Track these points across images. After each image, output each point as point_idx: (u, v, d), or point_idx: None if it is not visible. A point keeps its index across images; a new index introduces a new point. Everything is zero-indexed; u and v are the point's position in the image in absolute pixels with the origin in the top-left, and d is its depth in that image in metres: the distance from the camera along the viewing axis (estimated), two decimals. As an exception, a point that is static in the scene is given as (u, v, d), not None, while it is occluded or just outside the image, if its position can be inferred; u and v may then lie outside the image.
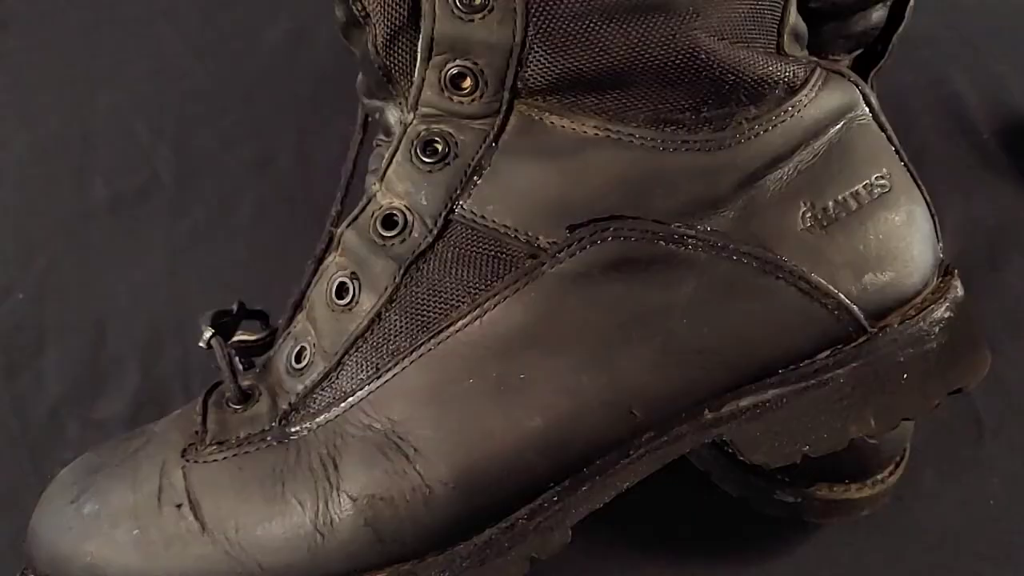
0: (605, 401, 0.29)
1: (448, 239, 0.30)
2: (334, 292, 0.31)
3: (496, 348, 0.29)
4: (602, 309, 0.29)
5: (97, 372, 0.46)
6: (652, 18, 0.28)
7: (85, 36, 0.62)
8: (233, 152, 0.56)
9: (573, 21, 0.28)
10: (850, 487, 0.39)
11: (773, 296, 0.30)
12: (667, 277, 0.29)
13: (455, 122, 0.29)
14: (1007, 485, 0.44)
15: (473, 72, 0.29)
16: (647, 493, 0.32)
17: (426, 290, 0.30)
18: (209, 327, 0.33)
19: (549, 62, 0.28)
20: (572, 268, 0.29)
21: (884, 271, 0.31)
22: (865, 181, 0.31)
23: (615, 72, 0.28)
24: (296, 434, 0.30)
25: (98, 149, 0.55)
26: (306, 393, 0.31)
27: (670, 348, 0.29)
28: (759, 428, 0.30)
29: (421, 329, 0.29)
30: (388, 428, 0.29)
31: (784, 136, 0.30)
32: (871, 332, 0.31)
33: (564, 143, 0.29)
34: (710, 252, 0.29)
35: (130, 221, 0.52)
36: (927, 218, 0.32)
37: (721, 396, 0.30)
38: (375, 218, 0.30)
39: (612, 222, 0.29)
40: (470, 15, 0.28)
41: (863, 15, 0.43)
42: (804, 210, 0.30)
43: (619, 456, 0.30)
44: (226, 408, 0.32)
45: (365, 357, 0.30)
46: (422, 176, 0.30)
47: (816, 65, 0.31)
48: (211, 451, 0.30)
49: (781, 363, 0.30)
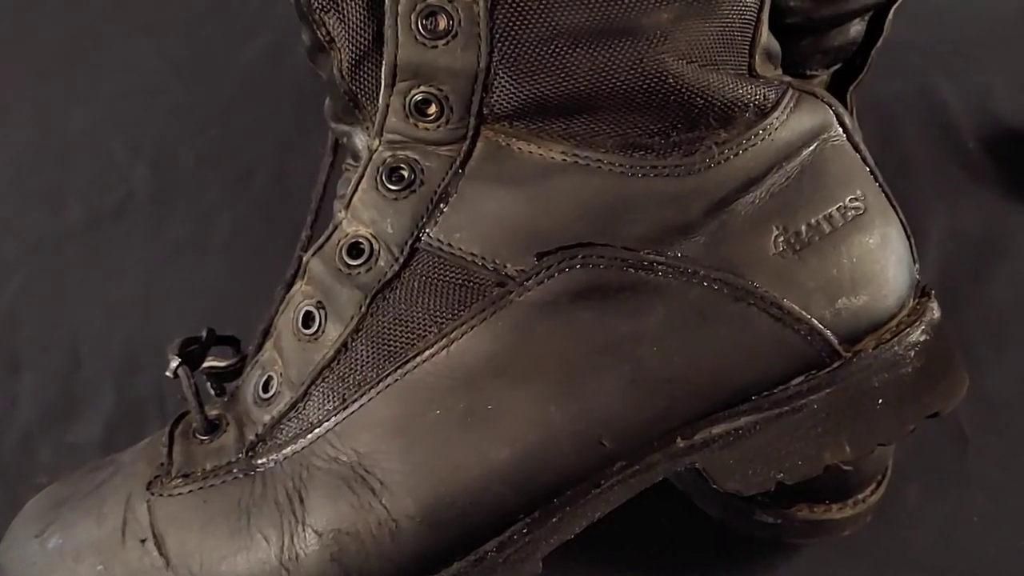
0: (574, 432, 0.28)
1: (415, 267, 0.29)
2: (300, 321, 0.30)
3: (463, 378, 0.28)
4: (571, 338, 0.29)
5: (71, 395, 0.45)
6: (618, 42, 0.28)
7: (62, 52, 0.61)
8: (211, 169, 0.55)
9: (538, 46, 0.27)
10: (831, 507, 0.38)
11: (744, 323, 0.29)
12: (636, 305, 0.29)
13: (421, 148, 0.29)
14: (992, 501, 0.44)
15: (438, 98, 0.28)
16: (627, 514, 0.32)
17: (392, 320, 0.29)
18: (176, 356, 0.32)
19: (515, 88, 0.28)
20: (540, 296, 0.28)
21: (858, 295, 0.30)
22: (839, 203, 0.31)
23: (582, 97, 0.28)
24: (262, 466, 0.30)
25: (74, 167, 0.55)
26: (273, 424, 0.30)
27: (640, 377, 0.29)
28: (732, 456, 0.30)
29: (388, 359, 0.29)
30: (354, 461, 0.29)
31: (755, 160, 0.29)
32: (845, 357, 0.30)
33: (531, 169, 0.29)
34: (680, 279, 0.29)
35: (106, 241, 0.52)
36: (902, 240, 0.32)
37: (693, 424, 0.30)
38: (341, 246, 0.30)
39: (580, 249, 0.28)
40: (433, 41, 0.28)
41: (840, 30, 0.42)
42: (776, 234, 0.30)
43: (590, 486, 0.29)
44: (192, 439, 0.31)
45: (332, 388, 0.29)
46: (388, 203, 0.29)
47: (788, 86, 0.31)
48: (176, 484, 0.30)
49: (754, 390, 0.30)
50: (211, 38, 0.62)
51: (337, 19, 0.29)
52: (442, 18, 0.27)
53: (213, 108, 0.58)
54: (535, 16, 0.27)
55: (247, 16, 0.63)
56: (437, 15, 0.27)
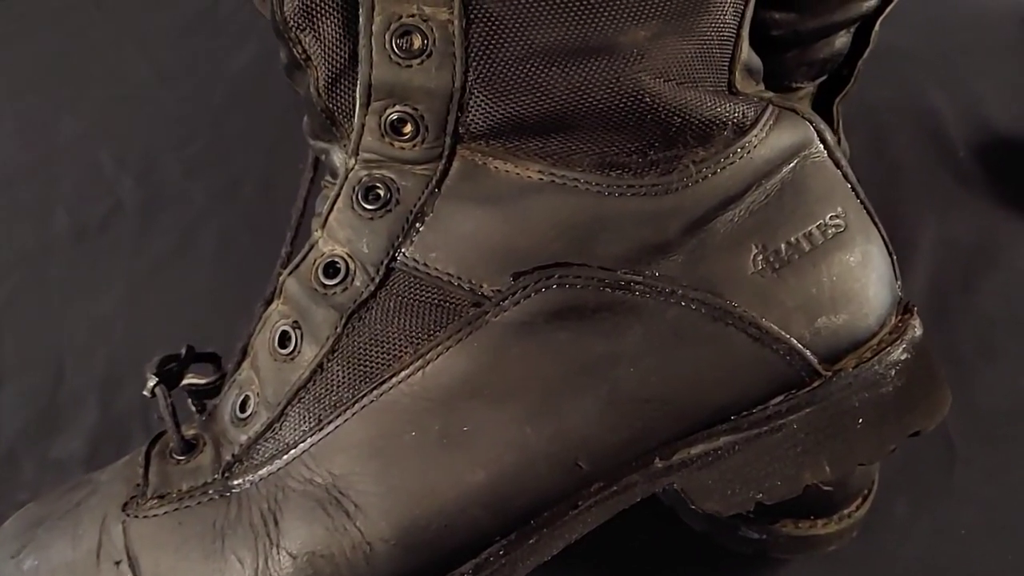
0: (550, 453, 0.28)
1: (390, 288, 0.29)
2: (276, 341, 0.30)
3: (439, 399, 0.28)
4: (547, 359, 0.28)
5: (55, 409, 0.45)
6: (594, 61, 0.27)
7: (50, 62, 0.61)
8: (198, 180, 0.55)
9: (513, 65, 0.27)
10: (816, 523, 0.38)
11: (722, 342, 0.29)
12: (613, 325, 0.29)
13: (397, 167, 0.29)
14: (980, 514, 0.43)
15: (413, 117, 0.28)
16: (611, 529, 0.31)
17: (368, 340, 0.29)
18: (153, 375, 0.32)
19: (490, 107, 0.28)
20: (516, 317, 0.28)
21: (838, 314, 0.30)
22: (819, 221, 0.30)
23: (558, 116, 0.28)
24: (238, 487, 0.29)
25: (61, 178, 0.55)
26: (249, 444, 0.30)
27: (617, 398, 0.29)
28: (711, 476, 0.30)
29: (363, 380, 0.29)
30: (329, 482, 0.28)
31: (733, 178, 0.29)
32: (825, 376, 0.30)
33: (508, 188, 0.28)
34: (657, 298, 0.29)
35: (92, 253, 0.51)
36: (884, 257, 0.32)
37: (672, 444, 0.30)
38: (317, 266, 0.30)
39: (557, 269, 0.28)
40: (408, 60, 0.27)
41: (826, 42, 0.42)
42: (755, 253, 0.30)
43: (567, 507, 0.29)
44: (169, 459, 0.31)
45: (308, 408, 0.29)
46: (363, 223, 0.29)
47: (768, 103, 0.31)
48: (152, 505, 0.30)
49: (732, 410, 0.30)
50: (199, 48, 0.62)
51: (313, 37, 0.29)
52: (417, 37, 0.27)
53: (201, 118, 0.58)
54: (511, 35, 0.27)
55: (236, 26, 0.63)
56: (412, 34, 0.27)
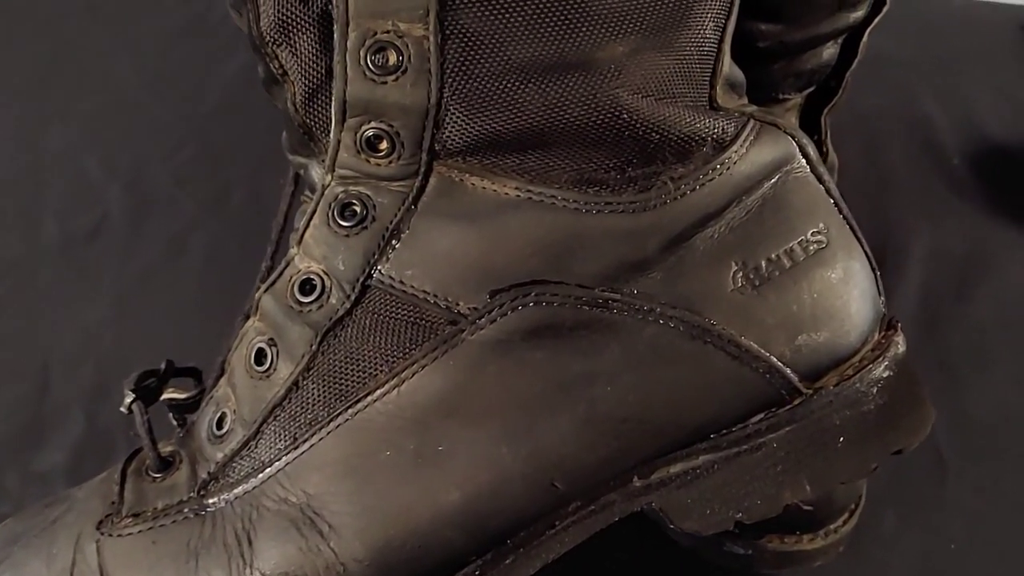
0: (526, 474, 0.28)
1: (366, 305, 0.29)
2: (253, 358, 0.30)
3: (414, 418, 0.28)
4: (523, 378, 0.28)
5: (39, 420, 0.45)
6: (571, 77, 0.27)
7: (41, 70, 0.61)
8: (187, 189, 0.55)
9: (489, 82, 0.27)
10: (802, 538, 0.38)
11: (701, 361, 0.29)
12: (590, 343, 0.28)
13: (373, 184, 0.29)
14: (970, 528, 0.43)
15: (389, 134, 0.28)
16: (595, 545, 0.31)
17: (343, 358, 0.29)
18: (130, 391, 0.32)
19: (467, 123, 0.27)
20: (492, 335, 0.28)
21: (819, 331, 0.30)
22: (800, 237, 0.30)
23: (535, 132, 0.28)
24: (213, 506, 0.29)
25: (49, 187, 0.55)
26: (225, 462, 0.30)
27: (594, 417, 0.28)
28: (690, 495, 0.29)
29: (339, 398, 0.29)
30: (304, 502, 0.28)
31: (713, 194, 0.29)
32: (806, 394, 0.30)
33: (485, 205, 0.28)
34: (635, 316, 0.28)
35: (80, 262, 0.51)
36: (866, 273, 0.31)
37: (650, 463, 0.29)
38: (293, 283, 0.29)
39: (534, 287, 0.28)
40: (383, 77, 0.27)
41: (813, 53, 0.42)
42: (735, 270, 0.29)
43: (544, 527, 0.29)
44: (145, 477, 0.31)
45: (283, 426, 0.29)
46: (339, 240, 0.29)
47: (749, 118, 0.30)
48: (126, 524, 0.29)
49: (711, 428, 0.29)
50: (189, 56, 0.62)
51: (290, 52, 0.29)
52: (392, 53, 0.27)
53: (190, 127, 0.58)
54: (487, 51, 0.27)
55: (226, 34, 0.63)
56: (387, 50, 0.27)
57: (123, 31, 0.63)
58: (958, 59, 0.68)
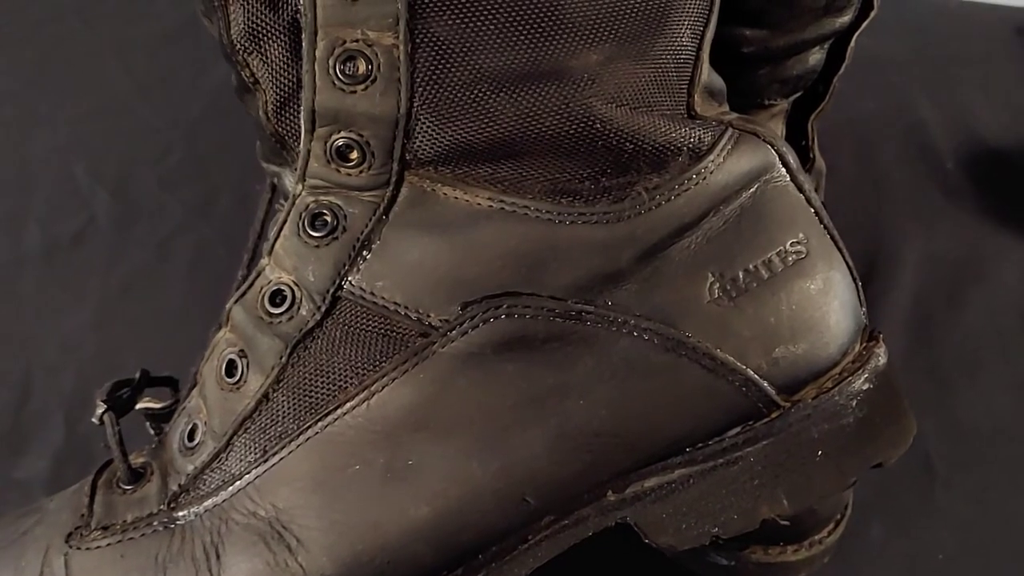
0: (497, 489, 0.28)
1: (336, 317, 0.28)
2: (224, 370, 0.30)
3: (384, 432, 0.28)
4: (494, 391, 0.28)
5: (20, 428, 0.45)
6: (544, 86, 0.27)
7: (29, 74, 0.61)
8: (174, 194, 0.55)
9: (460, 91, 0.27)
10: (786, 549, 0.38)
11: (675, 374, 0.28)
12: (563, 356, 0.28)
13: (344, 194, 0.28)
14: (959, 538, 0.43)
15: (359, 144, 0.28)
16: (578, 555, 0.31)
17: (313, 371, 0.28)
18: (102, 402, 0.32)
19: (438, 133, 0.27)
20: (463, 348, 0.28)
21: (797, 343, 0.29)
22: (779, 248, 0.30)
23: (508, 142, 0.27)
24: (183, 519, 0.29)
25: (35, 192, 0.54)
26: (196, 474, 0.29)
27: (566, 431, 0.28)
28: (665, 510, 0.29)
29: (308, 411, 0.28)
30: (272, 516, 0.28)
31: (689, 205, 0.29)
32: (784, 407, 0.29)
33: (457, 216, 0.28)
34: (609, 329, 0.28)
35: (64, 268, 0.51)
36: (848, 283, 0.31)
37: (625, 477, 0.29)
38: (263, 293, 0.29)
39: (506, 299, 0.28)
40: (352, 86, 0.27)
41: (799, 58, 0.42)
42: (712, 281, 0.29)
43: (516, 542, 0.29)
44: (115, 488, 0.31)
45: (253, 439, 0.29)
46: (309, 251, 0.28)
47: (727, 126, 0.30)
48: (95, 536, 0.29)
49: (687, 442, 0.29)
50: (178, 60, 0.62)
51: (260, 61, 0.29)
52: (361, 62, 0.27)
53: (178, 131, 0.58)
54: (458, 60, 0.26)
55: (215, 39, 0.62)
56: (356, 59, 0.27)
57: (115, 36, 0.63)
58: (954, 62, 0.67)
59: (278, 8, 0.28)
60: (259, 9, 0.28)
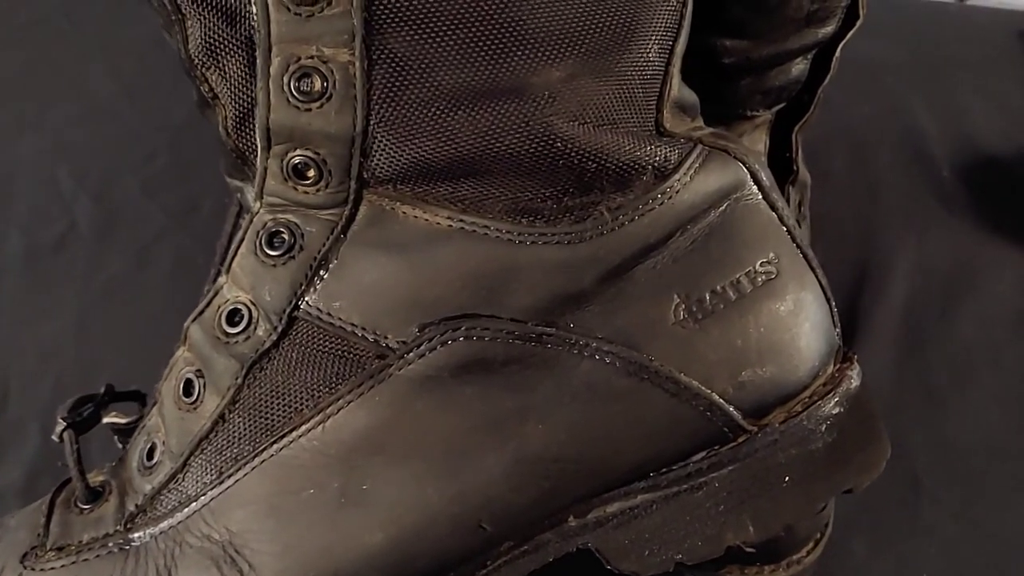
0: (452, 515, 0.27)
1: (293, 337, 0.28)
2: (181, 389, 0.29)
3: (339, 456, 0.27)
4: (451, 415, 0.27)
5: (-5, 436, 0.44)
6: (503, 104, 0.26)
7: (15, 78, 0.60)
8: (156, 199, 0.54)
9: (418, 108, 0.26)
10: (763, 569, 0.37)
11: (637, 398, 0.28)
12: (522, 379, 0.27)
13: (301, 212, 0.28)
14: (945, 555, 0.42)
15: (316, 162, 0.27)
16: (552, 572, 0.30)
17: (269, 392, 0.28)
18: (62, 419, 0.31)
19: (395, 151, 0.26)
20: (421, 370, 0.27)
21: (765, 366, 0.29)
22: (748, 268, 0.29)
23: (467, 161, 0.27)
24: (138, 540, 0.29)
25: (17, 197, 0.54)
26: (153, 494, 0.29)
27: (524, 456, 0.27)
28: (628, 535, 0.28)
29: (264, 434, 0.28)
30: (226, 540, 0.27)
31: (654, 225, 0.28)
32: (750, 431, 0.29)
33: (416, 235, 0.27)
34: (570, 351, 0.27)
35: (44, 275, 0.51)
36: (820, 304, 0.30)
37: (587, 502, 0.28)
38: (220, 312, 0.29)
39: (464, 321, 0.27)
40: (307, 104, 0.26)
41: (781, 69, 0.41)
42: (677, 303, 0.28)
43: (474, 568, 0.28)
44: (73, 508, 0.30)
45: (209, 460, 0.28)
46: (266, 270, 0.28)
47: (697, 143, 0.29)
48: (50, 557, 0.29)
49: (650, 467, 0.28)
50: (166, 64, 0.61)
51: (219, 76, 0.28)
52: (317, 79, 0.26)
53: (163, 135, 0.57)
54: (416, 77, 0.26)
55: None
56: (312, 76, 0.26)
57: (102, 39, 0.62)
58: (952, 66, 0.66)
59: (236, 23, 0.27)
60: (216, 24, 0.27)
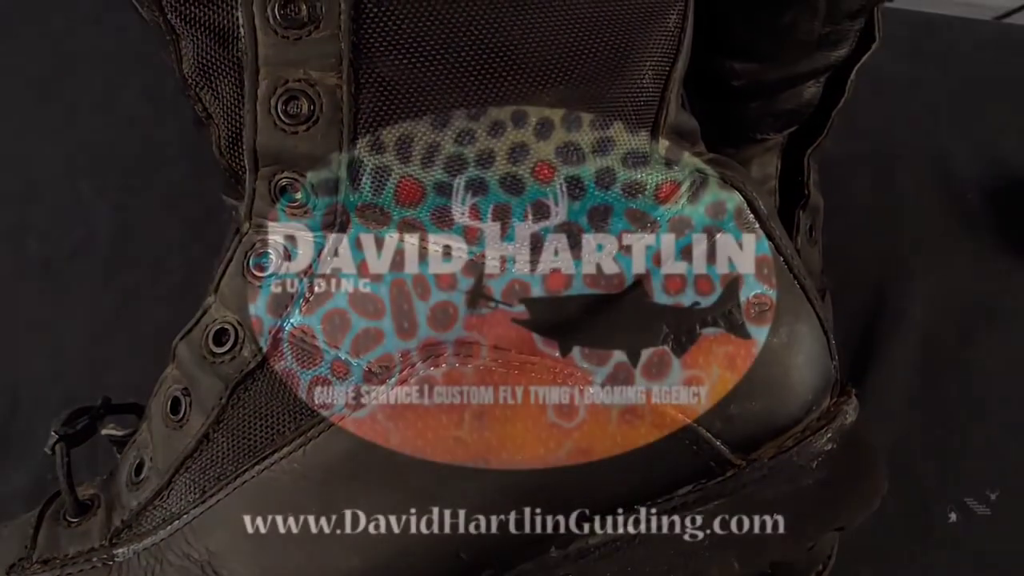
0: (429, 543, 0.27)
1: (277, 359, 0.28)
2: (169, 407, 0.29)
3: (318, 479, 0.27)
4: (431, 441, 0.27)
5: (4, 442, 0.45)
6: (491, 130, 0.26)
7: (43, 84, 0.61)
8: (175, 210, 0.55)
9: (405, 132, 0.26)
10: (761, 602, 0.36)
11: (622, 429, 0.27)
12: (503, 408, 0.27)
13: (289, 234, 0.28)
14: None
15: (303, 184, 0.27)
16: None
17: (252, 413, 0.28)
18: (54, 431, 0.32)
19: (382, 175, 0.26)
20: (401, 396, 0.27)
21: (754, 400, 0.28)
22: (741, 300, 0.28)
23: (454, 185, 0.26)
24: (121, 556, 0.29)
25: (37, 205, 0.55)
26: (139, 510, 0.29)
27: (504, 485, 0.27)
28: (610, 568, 0.28)
29: (246, 454, 0.28)
30: (205, 559, 0.27)
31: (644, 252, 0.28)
32: (738, 466, 0.28)
33: (402, 259, 0.27)
34: (553, 381, 0.27)
35: (60, 283, 0.51)
36: (816, 337, 0.29)
37: (568, 533, 0.28)
38: (208, 332, 0.29)
39: (445, 347, 0.27)
40: (293, 127, 0.26)
41: (793, 92, 0.40)
42: (667, 333, 0.28)
43: (452, 596, 0.28)
44: (61, 521, 0.30)
45: (193, 479, 0.28)
46: (253, 290, 0.28)
47: (692, 170, 0.29)
48: (35, 570, 0.29)
49: (633, 499, 0.28)
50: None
51: (212, 96, 0.28)
52: (304, 102, 0.26)
53: (185, 143, 0.58)
54: (403, 101, 0.26)
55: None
56: (299, 99, 0.26)
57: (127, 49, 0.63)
58: (985, 86, 0.65)
59: (227, 45, 0.27)
60: (209, 45, 0.27)
